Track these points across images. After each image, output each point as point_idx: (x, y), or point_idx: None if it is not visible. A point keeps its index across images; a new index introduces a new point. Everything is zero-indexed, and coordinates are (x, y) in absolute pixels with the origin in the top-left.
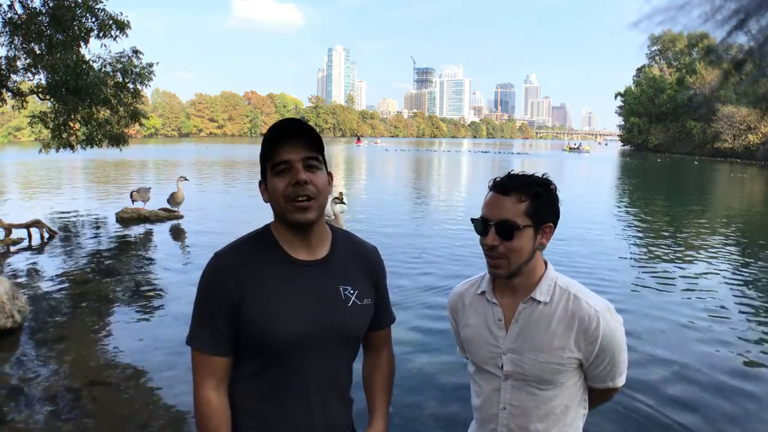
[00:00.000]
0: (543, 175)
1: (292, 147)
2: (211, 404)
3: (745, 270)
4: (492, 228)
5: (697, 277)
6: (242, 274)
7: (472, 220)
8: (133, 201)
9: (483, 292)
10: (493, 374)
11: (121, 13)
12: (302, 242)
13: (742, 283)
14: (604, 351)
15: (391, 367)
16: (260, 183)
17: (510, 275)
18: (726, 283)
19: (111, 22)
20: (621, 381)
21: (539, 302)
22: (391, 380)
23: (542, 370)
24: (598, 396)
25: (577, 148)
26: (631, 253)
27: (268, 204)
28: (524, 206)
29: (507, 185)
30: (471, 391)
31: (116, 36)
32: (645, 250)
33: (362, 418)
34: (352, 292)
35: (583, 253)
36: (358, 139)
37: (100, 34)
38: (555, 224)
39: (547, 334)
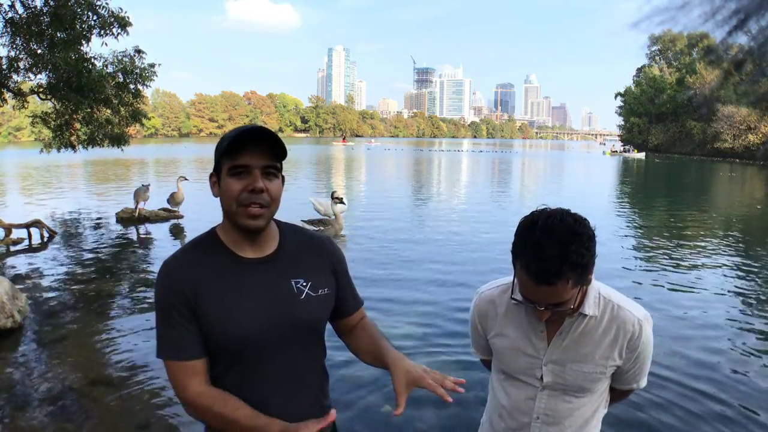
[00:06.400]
0: (575, 224)
1: (254, 152)
2: (205, 394)
3: (744, 268)
4: (543, 308)
5: (694, 273)
6: (192, 278)
7: (513, 299)
8: (136, 204)
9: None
10: (528, 384)
11: (121, 9)
12: (249, 241)
13: (741, 282)
14: (639, 357)
15: (373, 326)
16: (212, 175)
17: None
18: (721, 280)
19: (112, 19)
20: (644, 382)
21: (586, 315)
22: (379, 331)
23: (584, 380)
24: (618, 395)
25: (627, 152)
26: (628, 251)
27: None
28: (571, 285)
29: (550, 278)
30: (490, 396)
31: (117, 34)
32: (642, 247)
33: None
34: (304, 284)
35: None
36: (344, 138)
37: (102, 32)
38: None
39: (592, 346)
